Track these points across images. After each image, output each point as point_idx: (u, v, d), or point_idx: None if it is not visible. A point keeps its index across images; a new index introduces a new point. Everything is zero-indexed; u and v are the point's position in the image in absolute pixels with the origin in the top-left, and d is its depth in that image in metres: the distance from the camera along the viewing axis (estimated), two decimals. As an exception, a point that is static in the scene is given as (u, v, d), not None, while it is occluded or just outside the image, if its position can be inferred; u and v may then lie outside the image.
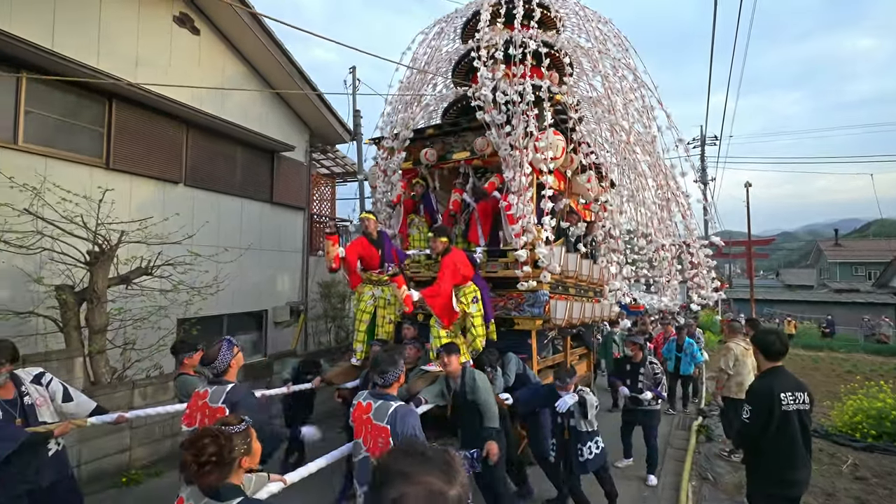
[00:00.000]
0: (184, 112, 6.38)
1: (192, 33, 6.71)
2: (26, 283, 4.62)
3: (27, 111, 4.94)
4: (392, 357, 2.59)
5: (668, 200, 5.28)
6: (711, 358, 12.72)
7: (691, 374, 7.47)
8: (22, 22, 4.78)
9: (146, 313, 5.32)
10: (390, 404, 2.45)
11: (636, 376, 4.76)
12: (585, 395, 3.74)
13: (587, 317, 5.40)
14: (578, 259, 5.33)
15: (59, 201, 4.69)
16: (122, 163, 5.78)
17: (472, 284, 4.28)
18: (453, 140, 5.65)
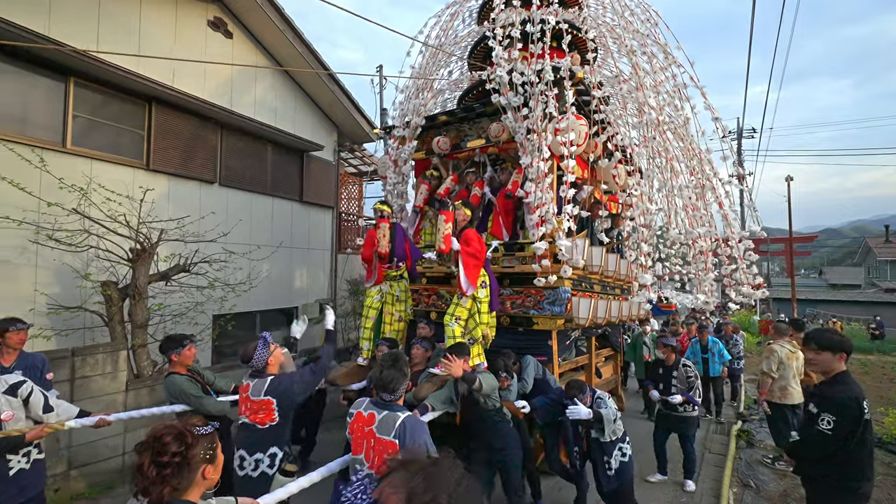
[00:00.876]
0: (218, 114, 6.56)
1: (225, 37, 6.89)
2: (75, 280, 4.85)
3: (75, 115, 5.18)
4: (399, 370, 2.27)
5: (704, 188, 4.76)
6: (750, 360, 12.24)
7: (720, 374, 7.05)
8: (69, 30, 5.01)
9: (184, 309, 5.50)
10: (397, 415, 2.14)
11: (669, 380, 4.50)
12: (601, 408, 3.41)
13: (614, 316, 5.01)
14: (604, 253, 4.91)
15: (104, 201, 4.91)
16: (161, 164, 6.00)
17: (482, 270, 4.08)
18: (468, 127, 5.33)
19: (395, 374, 2.23)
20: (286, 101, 7.97)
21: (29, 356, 3.30)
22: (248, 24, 7.14)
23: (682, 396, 4.40)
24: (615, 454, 3.42)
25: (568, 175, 4.05)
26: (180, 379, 3.17)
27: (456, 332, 3.82)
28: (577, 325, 4.40)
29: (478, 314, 3.95)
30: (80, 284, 4.83)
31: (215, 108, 6.44)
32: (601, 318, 4.66)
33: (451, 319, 3.85)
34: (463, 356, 3.27)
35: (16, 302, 4.55)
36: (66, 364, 4.24)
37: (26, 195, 4.48)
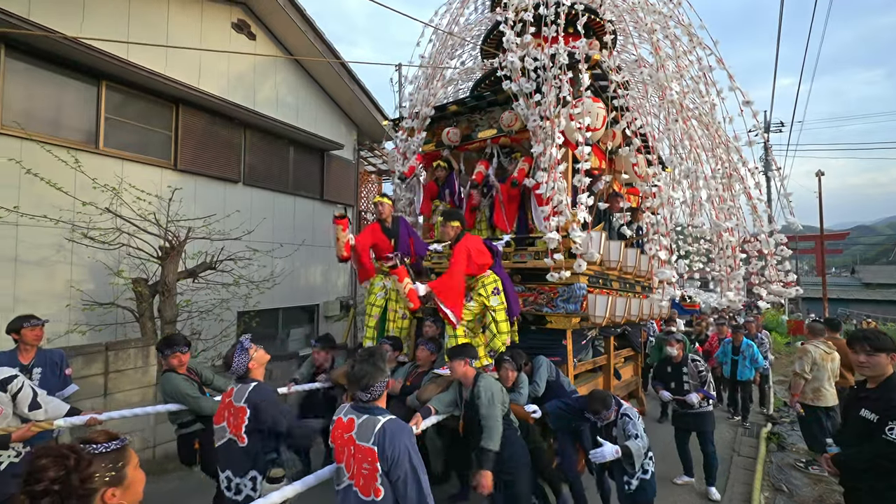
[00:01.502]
0: (242, 114, 6.68)
1: (248, 38, 7.01)
2: (108, 277, 5.01)
3: (107, 118, 5.35)
4: (374, 365, 1.99)
5: (731, 177, 4.39)
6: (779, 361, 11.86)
7: (751, 379, 6.67)
8: (101, 33, 5.17)
9: (210, 305, 5.64)
10: (377, 419, 1.91)
11: (680, 377, 4.32)
12: (629, 436, 3.00)
13: (633, 314, 4.70)
14: (622, 247, 4.54)
15: (135, 200, 5.05)
16: (187, 164, 6.15)
17: (491, 274, 3.79)
18: (479, 117, 5.10)
19: (368, 368, 1.97)
20: (307, 100, 8.06)
21: (47, 353, 3.31)
22: (271, 25, 7.25)
23: (700, 393, 4.20)
24: (637, 472, 3.09)
25: (583, 162, 3.76)
26: (177, 378, 3.07)
27: (458, 332, 3.61)
28: (593, 324, 4.14)
29: (494, 324, 3.69)
30: (112, 281, 4.99)
31: (239, 109, 6.56)
32: (619, 317, 4.38)
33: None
34: (464, 357, 3.04)
35: (53, 298, 4.73)
36: (100, 358, 4.39)
37: (63, 195, 4.64)
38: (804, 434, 5.16)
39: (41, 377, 3.20)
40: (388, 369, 2.05)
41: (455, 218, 3.84)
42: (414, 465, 1.85)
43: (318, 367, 4.22)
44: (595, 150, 4.72)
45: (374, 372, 1.97)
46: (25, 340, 3.16)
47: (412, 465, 1.85)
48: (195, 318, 5.51)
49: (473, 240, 3.80)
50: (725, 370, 6.82)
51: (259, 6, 6.96)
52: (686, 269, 5.61)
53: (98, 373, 4.35)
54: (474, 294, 3.74)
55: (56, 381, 3.28)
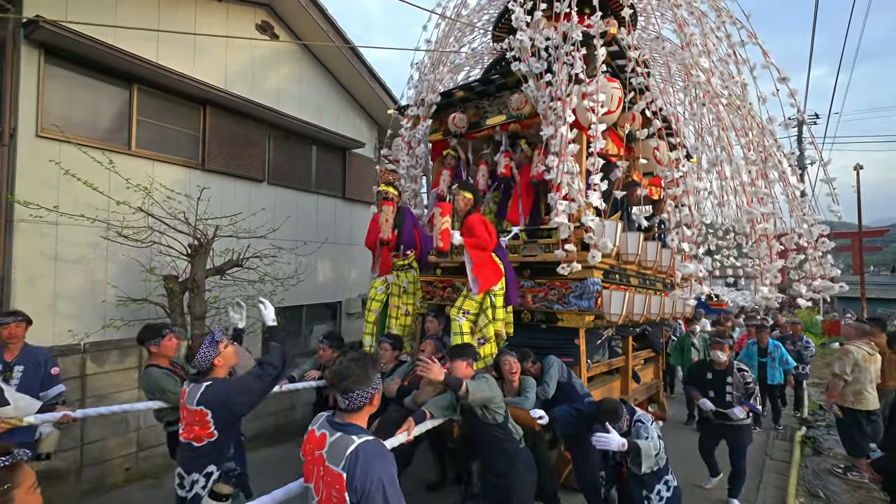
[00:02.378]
0: (266, 114, 6.80)
1: (272, 39, 7.12)
2: (141, 274, 5.18)
3: (138, 120, 5.53)
4: (362, 368, 1.72)
5: (765, 162, 3.98)
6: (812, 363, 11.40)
7: (781, 383, 6.20)
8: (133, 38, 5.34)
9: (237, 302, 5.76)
10: (350, 440, 1.61)
11: (722, 386, 3.94)
12: (641, 437, 2.80)
13: (653, 313, 4.37)
14: (641, 240, 4.21)
15: (165, 199, 5.20)
16: (214, 163, 6.30)
17: (494, 256, 3.60)
18: (487, 104, 4.80)
19: (355, 369, 1.70)
20: (329, 99, 8.16)
21: (32, 351, 3.26)
22: (294, 25, 7.35)
23: (745, 406, 3.88)
24: (658, 489, 2.80)
25: (595, 142, 3.47)
26: (158, 373, 2.92)
27: (463, 328, 3.42)
28: (608, 322, 3.87)
29: (490, 309, 3.47)
30: (145, 278, 5.16)
31: (263, 109, 6.68)
32: (638, 315, 4.12)
33: (458, 313, 3.45)
34: (467, 357, 2.88)
35: (90, 294, 4.92)
36: (133, 352, 4.56)
37: (98, 195, 4.82)
38: (843, 438, 4.95)
39: (22, 375, 3.14)
40: (377, 381, 1.76)
41: (468, 189, 3.66)
42: (388, 501, 1.54)
43: (322, 366, 4.12)
44: (612, 136, 4.43)
45: (359, 376, 1.69)
46: (2, 338, 3.14)
47: (386, 500, 1.53)
48: (223, 314, 5.64)
49: (483, 218, 3.66)
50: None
51: (282, 7, 7.07)
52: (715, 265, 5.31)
53: (132, 366, 4.51)
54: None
55: (36, 379, 3.20)
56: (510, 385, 3.23)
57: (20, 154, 4.55)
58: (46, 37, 4.57)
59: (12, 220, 4.49)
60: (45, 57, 4.72)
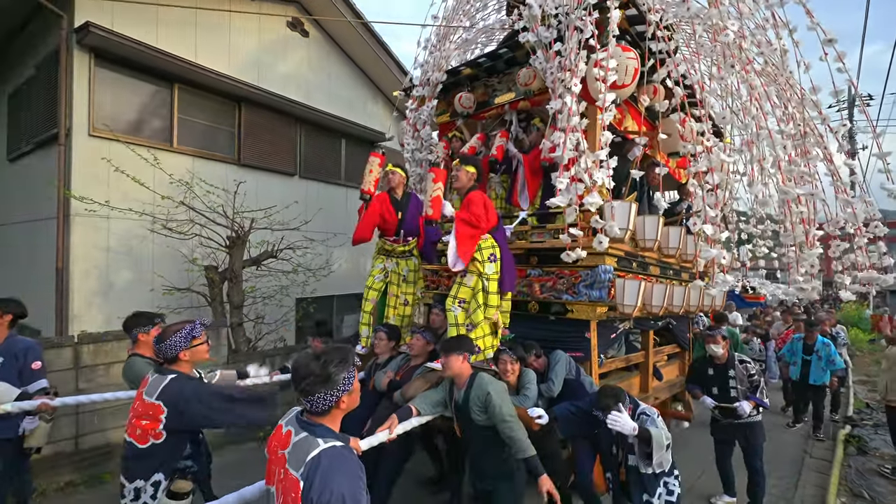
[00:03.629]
0: (297, 109, 6.99)
1: (302, 35, 7.28)
2: (184, 264, 5.48)
3: (179, 118, 5.80)
4: (323, 368, 1.48)
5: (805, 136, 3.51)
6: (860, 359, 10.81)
7: (826, 384, 5.65)
8: (173, 40, 5.59)
9: (272, 292, 6.01)
10: (315, 443, 1.42)
11: (725, 381, 3.68)
12: (651, 427, 2.55)
13: (676, 305, 3.99)
14: (660, 224, 3.77)
15: (205, 194, 5.46)
16: (249, 158, 6.54)
17: (490, 238, 3.27)
18: (496, 81, 4.49)
19: (314, 368, 1.47)
20: (357, 94, 8.28)
21: (15, 343, 3.09)
22: (323, 22, 7.48)
23: (752, 401, 3.54)
24: (659, 492, 2.58)
25: (604, 114, 3.14)
26: (140, 362, 2.74)
27: (459, 319, 3.17)
28: (623, 314, 3.52)
29: (482, 294, 3.18)
30: (188, 268, 5.45)
31: (295, 104, 6.87)
32: (657, 307, 3.72)
33: (452, 303, 3.20)
34: (462, 351, 2.64)
35: (139, 283, 5.25)
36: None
37: (145, 190, 5.11)
38: (894, 439, 4.72)
39: (1, 366, 2.98)
40: (345, 381, 1.51)
41: (472, 163, 3.34)
42: None
43: None
44: (631, 111, 4.08)
45: (319, 377, 1.46)
46: None
47: None
48: (259, 303, 5.90)
49: (488, 200, 3.37)
50: (793, 372, 5.86)
51: (311, 3, 7.20)
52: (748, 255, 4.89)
53: (178, 351, 4.79)
54: (470, 262, 3.19)
55: (14, 372, 3.00)
56: (509, 384, 3.00)
57: (75, 152, 4.88)
58: (96, 41, 4.85)
59: (69, 214, 4.84)
60: (94, 60, 5.01)
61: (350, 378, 1.54)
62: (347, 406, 1.56)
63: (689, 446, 4.81)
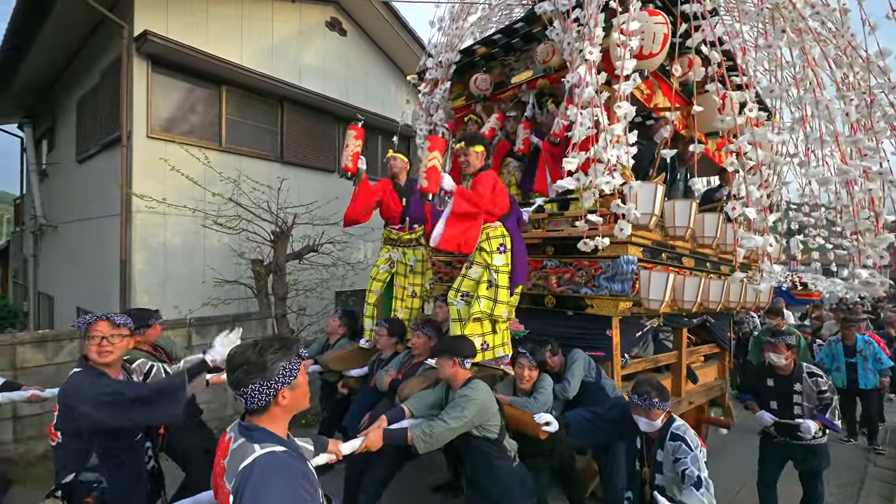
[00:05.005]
0: (336, 107, 7.17)
1: (340, 35, 7.46)
2: (232, 258, 5.78)
3: (227, 119, 6.09)
4: (259, 353, 1.31)
5: (870, 107, 3.01)
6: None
7: (876, 387, 5.07)
8: (222, 44, 5.86)
9: (313, 285, 6.23)
10: (251, 449, 1.23)
11: (788, 395, 3.12)
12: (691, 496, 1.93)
13: (712, 301, 3.55)
14: (693, 209, 3.28)
15: (251, 190, 5.72)
16: (291, 156, 6.78)
17: (500, 226, 3.00)
18: (514, 59, 4.16)
19: (250, 357, 1.30)
20: (393, 90, 8.39)
21: None
22: (360, 20, 7.63)
23: (819, 422, 3.00)
24: None
25: (622, 83, 2.76)
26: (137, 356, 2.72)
27: (462, 314, 2.94)
28: (648, 310, 3.14)
29: (492, 288, 2.90)
30: (236, 262, 5.74)
31: (334, 103, 7.06)
32: (689, 303, 3.31)
33: (455, 296, 2.96)
34: (455, 355, 2.41)
35: (192, 276, 5.59)
36: (229, 328, 5.10)
37: (197, 187, 5.42)
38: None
39: None
40: (284, 372, 1.31)
41: (478, 142, 3.03)
42: None
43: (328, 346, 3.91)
44: (662, 86, 3.67)
45: (253, 365, 1.28)
46: None
47: None
48: (301, 295, 6.14)
49: (500, 182, 3.10)
50: (837, 379, 5.12)
51: (349, 2, 7.36)
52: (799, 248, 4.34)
53: (228, 340, 5.07)
54: (476, 252, 2.95)
55: None
56: (520, 389, 2.77)
57: (135, 153, 5.24)
58: (153, 49, 5.17)
59: (131, 211, 5.21)
60: (151, 67, 5.35)
61: (292, 370, 1.33)
62: (290, 404, 1.34)
63: (726, 454, 4.55)
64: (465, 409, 2.25)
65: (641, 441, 2.31)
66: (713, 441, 4.88)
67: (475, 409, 2.28)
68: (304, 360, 1.40)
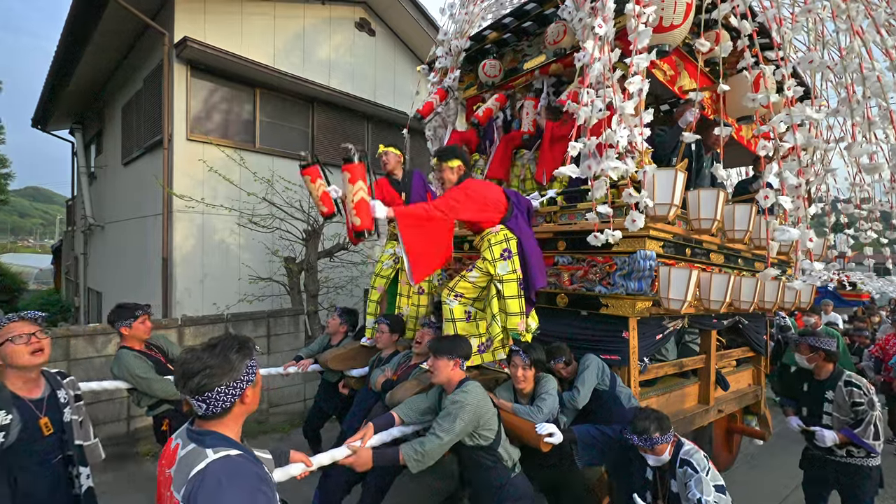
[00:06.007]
0: (364, 106, 7.26)
1: (369, 35, 7.54)
2: (266, 256, 5.94)
3: (261, 120, 6.27)
4: (220, 354, 1.23)
5: None
6: None
7: None
8: (255, 48, 6.03)
9: (343, 282, 6.34)
10: (203, 455, 1.15)
11: (819, 403, 2.86)
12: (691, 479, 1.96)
13: (744, 301, 3.23)
14: (720, 199, 2.90)
15: (284, 190, 5.86)
16: (322, 155, 6.86)
17: (502, 231, 2.76)
18: (527, 44, 3.96)
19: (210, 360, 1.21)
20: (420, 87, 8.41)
21: None
22: (388, 20, 7.69)
23: (842, 435, 2.69)
24: None
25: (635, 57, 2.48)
26: (128, 356, 2.70)
27: (455, 313, 2.76)
28: (668, 310, 2.83)
29: (498, 300, 2.70)
30: (269, 259, 5.90)
31: (362, 102, 7.14)
32: (717, 303, 3.01)
33: (448, 295, 2.80)
34: (455, 356, 2.24)
35: (228, 273, 5.78)
36: (264, 323, 5.26)
37: (233, 187, 5.60)
38: None
39: None
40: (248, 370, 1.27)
41: (452, 156, 2.80)
42: None
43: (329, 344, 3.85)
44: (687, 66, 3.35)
45: (217, 367, 1.21)
46: None
47: None
48: (332, 292, 6.25)
49: (483, 183, 2.87)
50: None
51: (377, 2, 7.42)
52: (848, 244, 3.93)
53: (263, 335, 5.23)
54: (478, 260, 2.80)
55: None
56: (520, 392, 2.55)
57: (175, 155, 5.46)
58: (192, 54, 5.37)
59: (171, 211, 5.43)
60: (190, 71, 5.55)
61: (254, 367, 1.30)
62: (251, 403, 1.31)
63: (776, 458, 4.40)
64: (458, 417, 2.08)
65: (654, 473, 2.16)
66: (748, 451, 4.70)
67: (469, 415, 2.11)
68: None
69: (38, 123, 9.79)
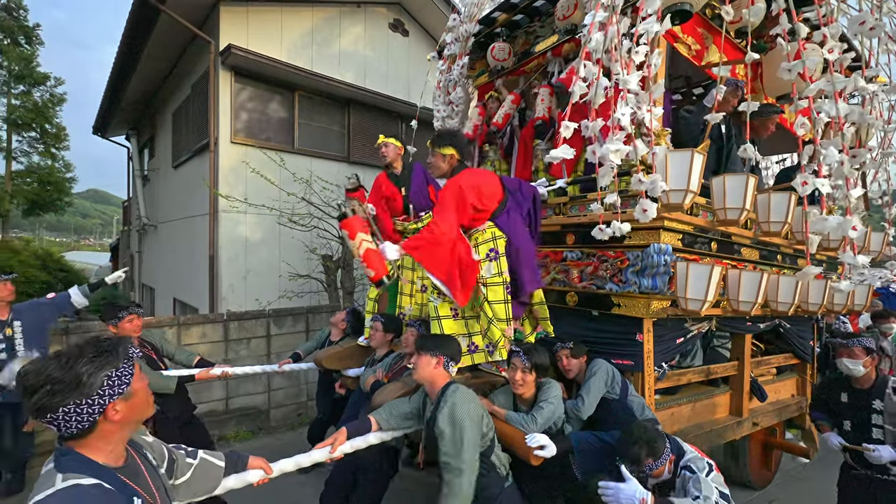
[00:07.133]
0: (398, 106, 7.34)
1: (403, 35, 7.61)
2: (305, 254, 6.13)
3: (299, 122, 6.47)
4: (66, 367, 1.01)
5: None
6: None
7: None
8: (294, 53, 6.23)
9: (378, 279, 6.44)
10: (52, 480, 0.98)
11: (866, 414, 2.53)
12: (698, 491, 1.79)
13: (782, 302, 2.82)
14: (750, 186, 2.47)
15: (322, 189, 6.03)
16: (357, 156, 7.05)
17: (489, 228, 2.59)
18: (538, 26, 3.67)
19: (52, 372, 0.99)
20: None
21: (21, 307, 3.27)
22: (422, 20, 7.74)
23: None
24: None
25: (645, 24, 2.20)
26: None
27: (441, 311, 2.59)
28: (687, 311, 2.51)
29: (486, 304, 2.51)
30: (308, 257, 6.08)
31: (397, 102, 7.23)
32: (747, 304, 2.62)
33: (434, 294, 2.67)
34: (439, 353, 2.05)
35: (269, 270, 6.01)
36: (303, 319, 5.44)
37: (274, 187, 5.81)
38: None
39: (23, 330, 3.20)
40: (110, 384, 1.04)
41: (447, 143, 2.64)
42: None
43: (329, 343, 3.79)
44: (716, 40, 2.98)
45: (62, 384, 0.99)
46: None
47: None
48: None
49: (476, 174, 2.66)
50: None
51: (410, 3, 7.48)
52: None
53: (301, 330, 5.40)
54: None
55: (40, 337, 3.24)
56: (520, 397, 2.34)
57: (221, 158, 5.72)
58: (236, 61, 5.61)
59: (217, 210, 5.70)
60: (234, 77, 5.80)
61: (122, 378, 1.07)
62: (127, 416, 1.08)
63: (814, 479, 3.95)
64: (464, 448, 1.85)
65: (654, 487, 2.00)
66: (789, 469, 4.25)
67: (472, 434, 1.89)
68: (135, 360, 1.14)
69: (98, 130, 10.54)
